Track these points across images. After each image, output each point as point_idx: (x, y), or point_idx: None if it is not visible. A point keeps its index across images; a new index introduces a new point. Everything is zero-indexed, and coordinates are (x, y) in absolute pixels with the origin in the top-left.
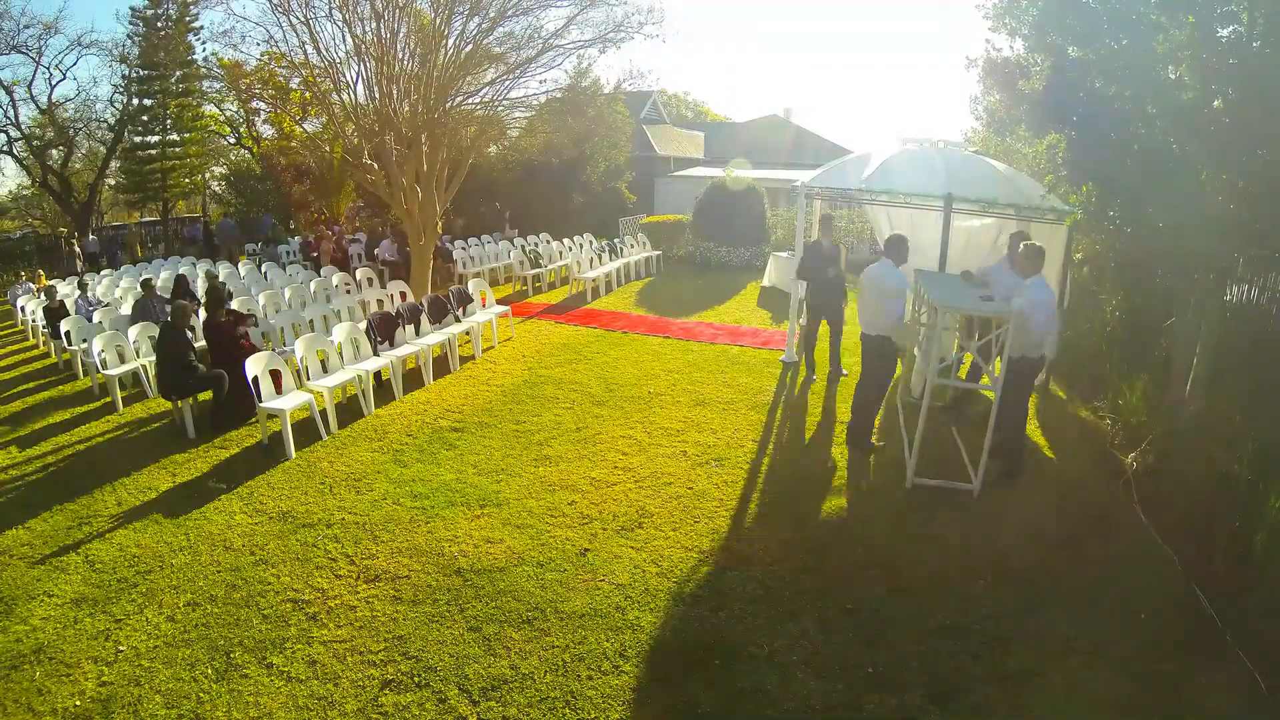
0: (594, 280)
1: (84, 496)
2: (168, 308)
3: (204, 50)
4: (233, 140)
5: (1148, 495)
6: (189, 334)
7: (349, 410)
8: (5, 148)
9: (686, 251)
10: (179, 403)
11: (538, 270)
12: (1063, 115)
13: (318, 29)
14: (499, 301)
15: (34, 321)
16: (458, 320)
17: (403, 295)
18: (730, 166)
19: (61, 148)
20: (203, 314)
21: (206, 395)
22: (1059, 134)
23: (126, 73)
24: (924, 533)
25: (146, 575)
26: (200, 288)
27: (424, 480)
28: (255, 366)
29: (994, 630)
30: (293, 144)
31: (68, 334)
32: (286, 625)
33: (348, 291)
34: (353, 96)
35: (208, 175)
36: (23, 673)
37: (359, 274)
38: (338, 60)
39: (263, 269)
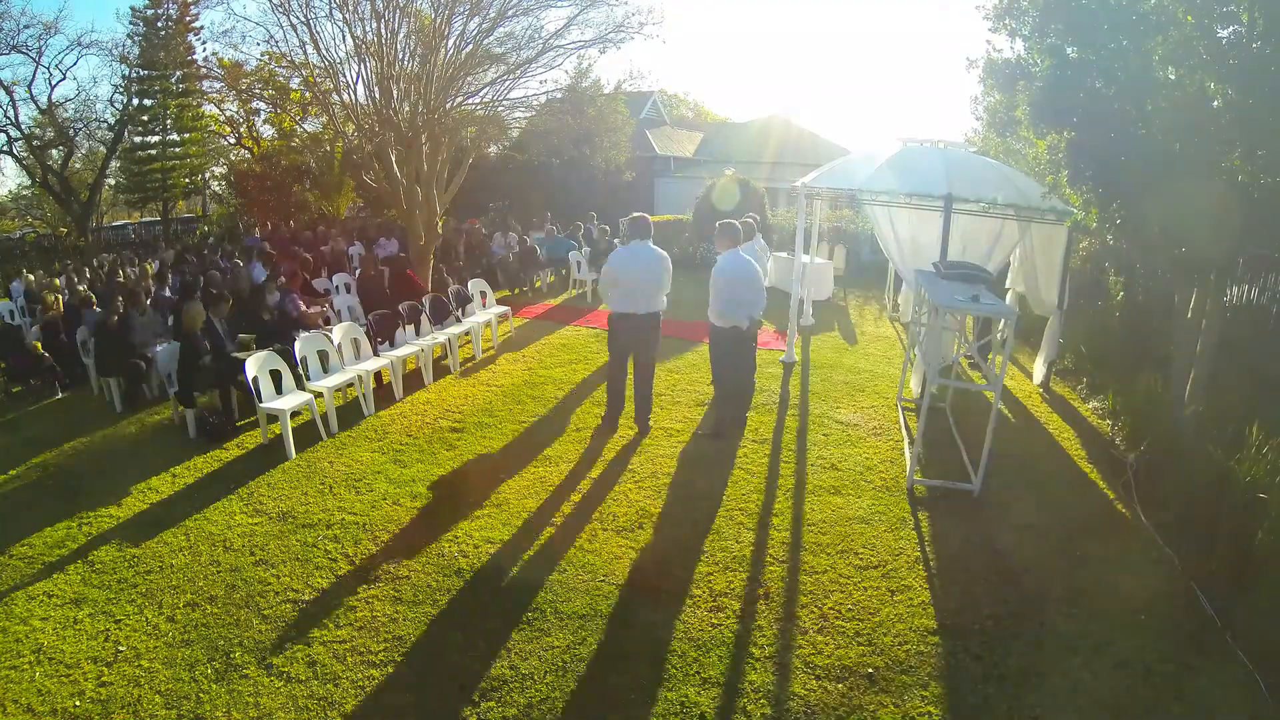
0: (594, 280)
1: (84, 497)
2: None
3: (204, 50)
4: (233, 140)
5: (1148, 495)
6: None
7: (349, 411)
8: (5, 148)
9: (686, 251)
10: (180, 407)
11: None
12: (1063, 116)
13: (318, 29)
14: (499, 302)
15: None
16: (458, 320)
17: None
18: (724, 176)
19: (61, 148)
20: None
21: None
22: (1059, 134)
23: (126, 73)
24: (924, 533)
25: (146, 575)
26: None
27: (424, 480)
28: (254, 367)
29: (994, 630)
30: (293, 144)
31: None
32: (286, 625)
33: (348, 290)
34: (353, 96)
35: (208, 175)
36: (23, 673)
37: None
38: (338, 60)
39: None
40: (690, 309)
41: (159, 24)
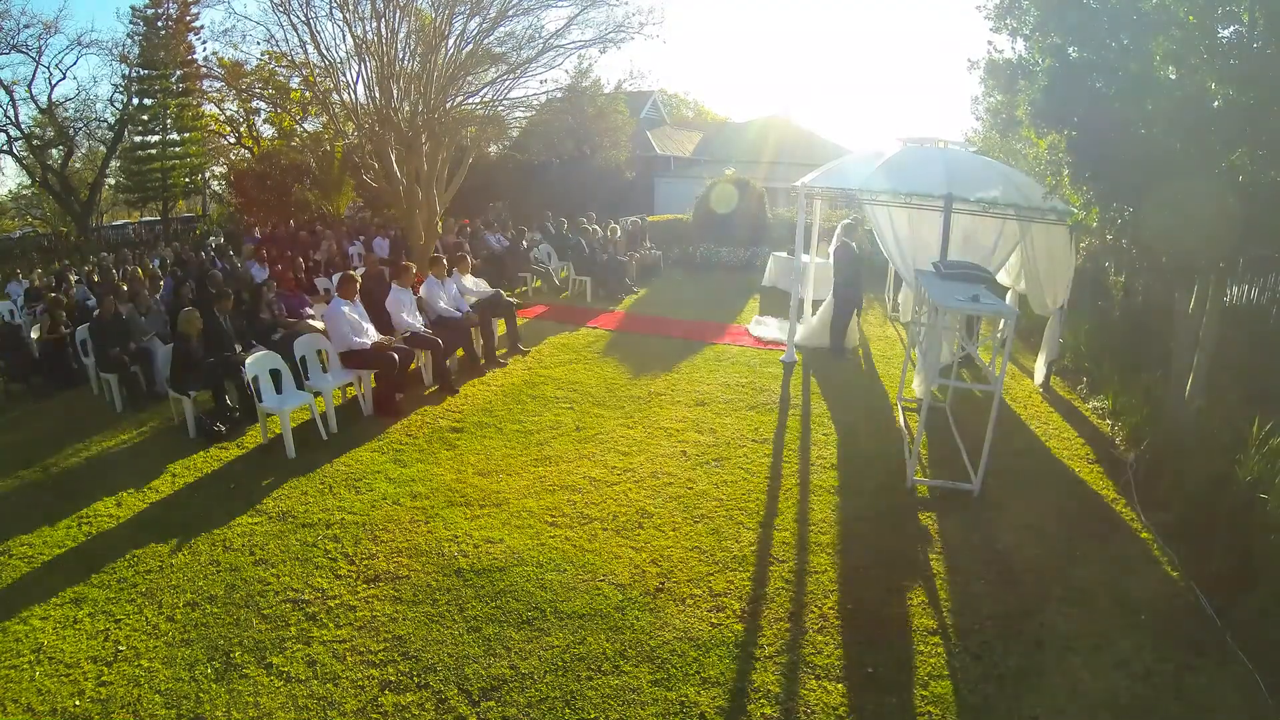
0: (589, 280)
1: (84, 496)
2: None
3: (204, 50)
4: (232, 140)
5: (1148, 495)
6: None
7: (349, 410)
8: (5, 147)
9: (686, 251)
10: (179, 406)
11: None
12: (1064, 116)
13: (318, 28)
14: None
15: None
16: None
17: None
18: (724, 176)
19: (61, 147)
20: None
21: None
22: (1059, 134)
23: (127, 72)
24: (924, 533)
25: (146, 575)
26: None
27: (424, 480)
28: (254, 367)
29: (994, 630)
30: (293, 143)
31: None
32: (286, 625)
33: None
34: (353, 96)
35: (207, 174)
36: (23, 673)
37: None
38: (338, 60)
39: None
40: (691, 309)
41: (159, 23)
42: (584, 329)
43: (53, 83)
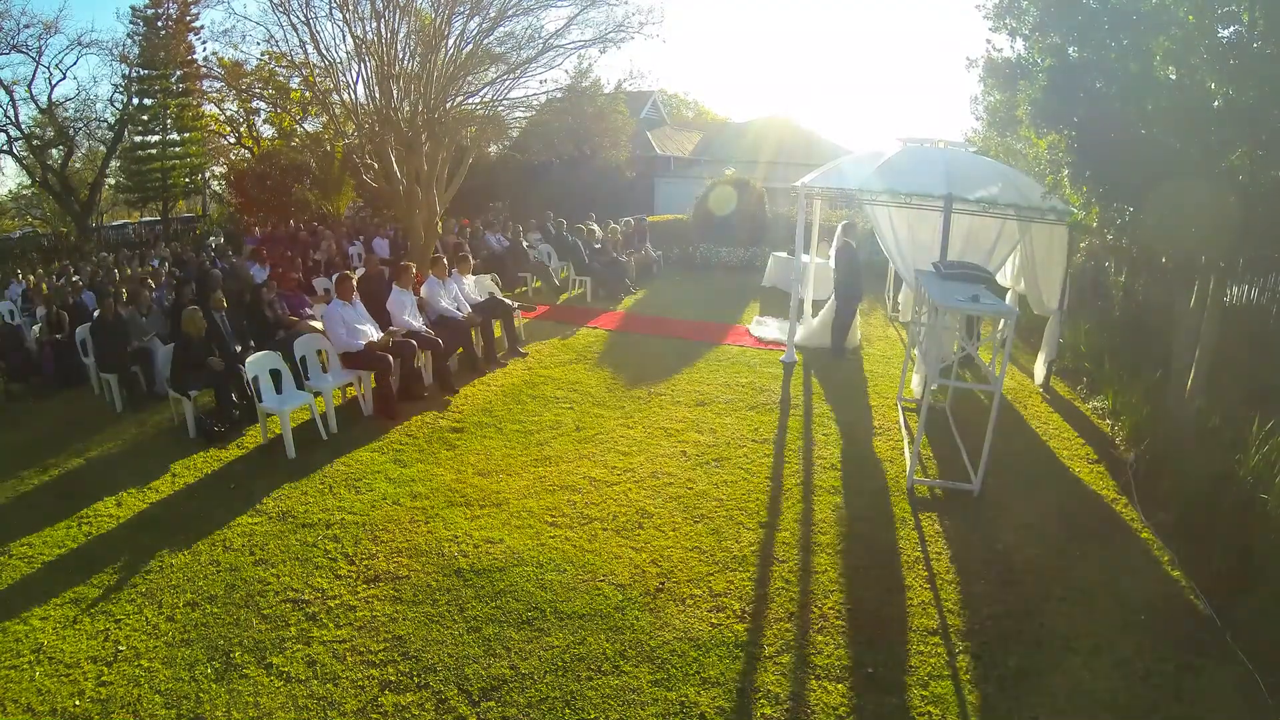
0: (590, 280)
1: (84, 496)
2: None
3: (204, 50)
4: (233, 140)
5: (1148, 495)
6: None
7: (349, 410)
8: (5, 147)
9: (686, 251)
10: (178, 406)
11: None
12: (1063, 116)
13: (318, 28)
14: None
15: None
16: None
17: None
18: (724, 176)
19: (61, 147)
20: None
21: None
22: (1059, 134)
23: (126, 72)
24: (924, 533)
25: (146, 575)
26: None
27: (424, 480)
28: (254, 367)
29: (994, 630)
30: (293, 144)
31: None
32: (286, 625)
33: None
34: (353, 96)
35: (208, 174)
36: (23, 672)
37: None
38: (338, 60)
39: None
40: (691, 310)
41: (159, 23)
42: (584, 329)
43: (53, 83)
